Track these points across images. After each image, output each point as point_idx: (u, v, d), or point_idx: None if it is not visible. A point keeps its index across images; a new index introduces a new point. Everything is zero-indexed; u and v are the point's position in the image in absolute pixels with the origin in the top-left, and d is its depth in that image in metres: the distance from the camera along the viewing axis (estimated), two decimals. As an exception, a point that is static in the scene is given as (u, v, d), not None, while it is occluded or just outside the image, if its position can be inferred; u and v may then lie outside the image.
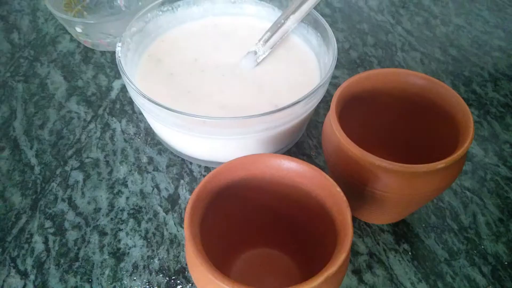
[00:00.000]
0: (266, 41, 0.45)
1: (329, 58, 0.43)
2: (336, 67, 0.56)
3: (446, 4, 0.66)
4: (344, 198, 0.28)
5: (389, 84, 0.36)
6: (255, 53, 0.45)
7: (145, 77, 0.45)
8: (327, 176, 0.29)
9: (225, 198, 0.31)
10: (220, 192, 0.30)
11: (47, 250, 0.39)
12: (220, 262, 0.33)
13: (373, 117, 0.39)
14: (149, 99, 0.37)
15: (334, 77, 0.54)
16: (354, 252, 0.39)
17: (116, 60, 0.40)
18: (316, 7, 0.64)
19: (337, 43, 0.58)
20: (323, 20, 0.45)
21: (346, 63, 0.56)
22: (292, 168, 0.31)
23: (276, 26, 0.45)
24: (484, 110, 0.51)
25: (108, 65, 0.55)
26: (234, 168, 0.31)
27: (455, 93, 0.33)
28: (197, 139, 0.40)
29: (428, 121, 0.36)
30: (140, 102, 0.40)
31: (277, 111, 0.37)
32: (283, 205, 0.33)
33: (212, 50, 0.47)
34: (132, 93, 0.39)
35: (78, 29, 0.51)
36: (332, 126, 0.33)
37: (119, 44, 0.42)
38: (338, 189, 0.29)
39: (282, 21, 0.45)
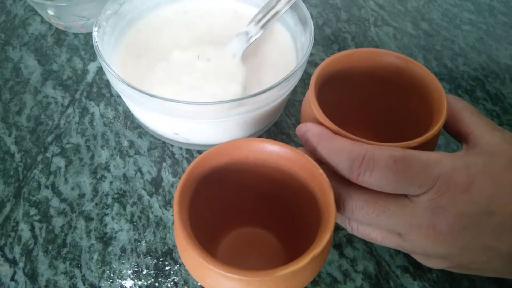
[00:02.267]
0: (258, 21, 0.45)
1: (306, 38, 0.43)
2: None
3: (417, -23, 0.67)
4: (327, 179, 0.29)
5: (366, 63, 0.37)
6: (247, 34, 0.45)
7: (124, 63, 0.45)
8: (309, 158, 0.30)
9: (211, 182, 0.32)
10: (206, 177, 0.31)
11: (34, 237, 0.39)
12: (207, 241, 0.34)
13: (350, 96, 0.40)
14: (129, 85, 0.37)
15: (310, 54, 0.55)
16: (334, 227, 0.40)
17: (94, 45, 0.40)
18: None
19: (311, 19, 0.59)
20: (302, 4, 0.46)
21: (320, 40, 0.57)
22: (275, 151, 0.32)
23: (267, 7, 0.45)
24: (455, 84, 0.53)
25: (83, 47, 0.54)
26: (219, 154, 0.32)
27: (429, 72, 0.35)
28: (178, 123, 0.41)
29: (404, 100, 0.38)
30: (119, 88, 0.40)
31: (256, 95, 0.38)
32: (268, 186, 0.35)
33: (190, 34, 0.47)
34: (112, 79, 0.39)
35: (51, 12, 0.50)
36: (310, 105, 0.34)
37: (95, 28, 0.41)
38: (321, 170, 0.30)
39: (274, 3, 0.45)
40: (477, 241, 0.28)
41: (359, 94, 0.40)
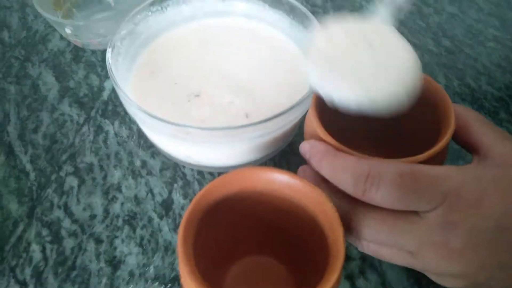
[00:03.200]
0: None
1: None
2: (329, 61, 0.55)
3: (440, -9, 0.65)
4: (337, 215, 0.28)
5: None
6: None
7: (138, 82, 0.45)
8: (320, 191, 0.29)
9: (218, 212, 0.31)
10: (213, 207, 0.31)
11: (45, 259, 0.40)
12: (214, 270, 0.34)
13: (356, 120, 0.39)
14: (140, 109, 0.37)
15: (326, 72, 0.54)
16: (346, 257, 0.39)
17: (107, 67, 0.40)
18: (308, -2, 0.64)
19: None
20: (313, 18, 0.45)
21: (339, 57, 0.56)
22: (284, 182, 0.31)
23: None
24: (478, 105, 0.51)
25: (99, 64, 0.55)
26: (226, 184, 0.31)
27: (435, 82, 0.33)
28: (189, 147, 0.40)
29: (410, 113, 0.36)
30: (131, 111, 0.40)
31: (269, 120, 0.37)
32: (276, 216, 0.34)
33: (202, 55, 0.47)
34: (124, 102, 0.39)
35: (68, 30, 0.51)
36: (312, 123, 0.33)
37: (109, 49, 0.41)
38: (331, 205, 0.29)
39: None
40: (492, 258, 0.27)
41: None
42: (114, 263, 0.39)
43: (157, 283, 0.38)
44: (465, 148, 0.32)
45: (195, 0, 0.49)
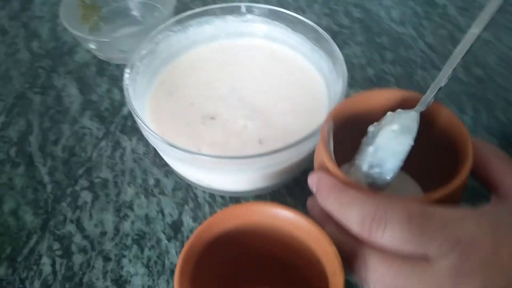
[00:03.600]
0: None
1: (339, 86, 0.42)
2: (350, 85, 0.54)
3: (473, 15, 0.63)
4: (339, 259, 0.28)
5: (383, 103, 0.35)
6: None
7: (155, 101, 0.45)
8: (323, 232, 0.29)
9: (219, 245, 0.31)
10: (214, 240, 0.31)
11: (54, 273, 0.40)
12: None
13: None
14: (153, 133, 0.37)
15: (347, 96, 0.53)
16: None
17: (124, 87, 0.41)
18: (334, 17, 0.63)
19: (354, 58, 0.58)
20: (334, 45, 0.44)
21: (361, 81, 0.55)
22: (288, 219, 0.31)
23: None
24: (506, 140, 0.49)
25: (123, 78, 0.55)
26: (228, 217, 0.31)
27: (454, 115, 0.32)
28: (199, 172, 0.40)
29: (427, 145, 0.35)
30: (144, 133, 0.40)
31: (282, 150, 0.37)
32: (279, 250, 0.34)
33: (220, 76, 0.47)
34: (138, 123, 0.40)
35: (92, 46, 0.52)
36: (321, 153, 0.32)
37: (127, 70, 0.42)
38: (334, 248, 0.28)
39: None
40: None
41: None
42: (120, 283, 0.40)
43: (160, 307, 0.38)
44: (483, 185, 0.31)
45: (217, 20, 0.49)
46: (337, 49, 0.43)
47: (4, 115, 0.52)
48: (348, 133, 0.34)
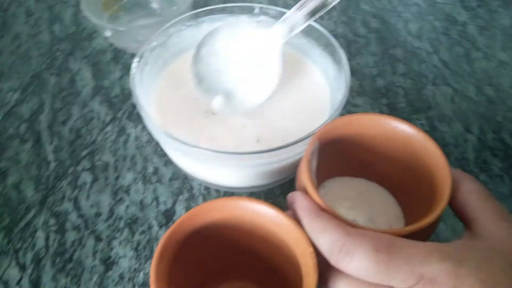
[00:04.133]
0: (300, 7, 0.40)
1: (341, 93, 0.42)
2: (359, 94, 0.54)
3: (493, 35, 0.62)
4: (315, 260, 0.28)
5: (371, 130, 0.35)
6: (287, 21, 0.41)
7: (162, 93, 0.46)
8: (304, 233, 0.29)
9: (200, 237, 0.32)
10: (195, 232, 0.31)
11: (47, 247, 0.42)
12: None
13: (353, 160, 0.38)
14: (146, 116, 0.38)
15: (354, 105, 0.53)
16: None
17: (130, 76, 0.42)
18: (351, 26, 0.63)
19: (365, 68, 0.58)
20: (341, 52, 0.44)
21: (370, 91, 0.55)
22: (272, 217, 0.31)
23: None
24: (509, 163, 0.48)
25: (136, 67, 0.57)
26: (211, 210, 0.31)
27: (437, 149, 0.32)
28: (195, 165, 0.41)
29: (410, 172, 0.35)
30: (145, 122, 0.41)
31: (276, 149, 0.37)
32: (260, 246, 0.34)
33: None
34: (139, 110, 0.41)
35: (107, 34, 0.53)
36: (303, 175, 0.32)
37: (136, 59, 0.43)
38: (311, 249, 0.28)
39: None
40: None
41: (364, 160, 0.38)
42: (108, 263, 0.41)
43: (142, 290, 0.39)
44: (460, 220, 0.31)
45: (230, 19, 0.50)
46: (344, 55, 0.44)
47: (19, 93, 0.54)
48: (332, 152, 0.35)
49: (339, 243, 0.27)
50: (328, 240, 0.27)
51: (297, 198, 0.31)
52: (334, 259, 0.27)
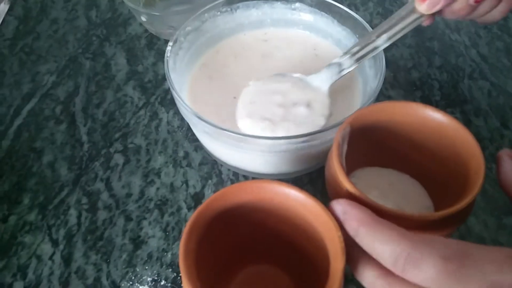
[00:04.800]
0: (354, 54, 0.42)
1: (375, 83, 0.41)
2: (393, 86, 0.54)
3: (535, 29, 0.60)
4: (343, 244, 0.28)
5: (405, 118, 0.34)
6: (339, 65, 0.42)
7: (195, 81, 0.47)
8: (332, 218, 0.29)
9: (229, 217, 0.32)
10: (224, 212, 0.31)
11: (79, 224, 0.43)
12: (218, 279, 0.35)
13: (384, 149, 0.37)
14: (183, 104, 0.39)
15: (387, 97, 0.53)
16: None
17: (164, 60, 0.42)
18: (387, 17, 0.62)
19: (400, 60, 0.57)
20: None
21: (404, 84, 0.54)
22: (299, 200, 0.31)
23: (366, 41, 0.42)
24: (545, 159, 0.47)
25: (169, 53, 0.58)
26: (240, 191, 0.32)
27: (472, 138, 0.31)
28: (224, 149, 0.41)
29: (442, 162, 0.34)
30: (178, 105, 0.41)
31: (306, 135, 0.37)
32: (287, 229, 0.34)
33: (262, 69, 0.48)
34: (173, 94, 0.41)
35: (143, 18, 0.54)
36: (337, 173, 0.32)
37: (170, 43, 0.43)
38: (339, 233, 0.28)
39: (374, 38, 0.41)
40: None
41: (395, 148, 0.37)
42: (137, 242, 0.42)
43: (170, 270, 0.40)
44: None
45: (265, 5, 0.50)
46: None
47: (55, 75, 0.56)
48: (363, 140, 0.35)
49: (404, 253, 0.25)
50: (393, 251, 0.26)
51: (346, 207, 0.29)
52: (399, 271, 0.26)
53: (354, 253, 0.28)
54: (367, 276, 0.28)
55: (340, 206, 0.29)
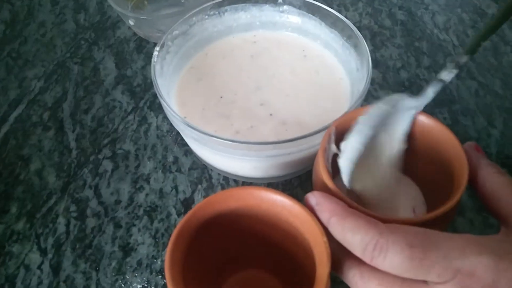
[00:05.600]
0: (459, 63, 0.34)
1: (362, 85, 0.41)
2: (382, 87, 0.54)
3: (523, 28, 0.61)
4: (328, 250, 0.28)
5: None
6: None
7: (184, 85, 0.47)
8: (318, 223, 0.29)
9: (215, 225, 0.32)
10: (211, 219, 0.31)
11: (67, 233, 0.43)
12: (207, 284, 0.34)
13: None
14: (171, 111, 0.39)
15: (376, 98, 0.53)
16: None
17: (151, 65, 0.42)
18: (377, 17, 0.62)
19: (389, 60, 0.57)
20: (363, 43, 0.43)
21: (393, 84, 0.54)
22: (286, 206, 0.31)
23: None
24: (533, 158, 0.47)
25: (158, 56, 0.57)
26: (227, 198, 0.32)
27: (454, 139, 0.32)
28: (214, 155, 0.41)
29: (429, 164, 0.35)
30: (166, 110, 0.41)
31: (294, 140, 0.37)
32: (275, 235, 0.34)
33: (250, 70, 0.48)
34: (161, 100, 0.41)
35: (131, 22, 0.53)
36: (320, 168, 0.32)
37: (157, 48, 0.43)
38: (325, 239, 0.28)
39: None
40: None
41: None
42: (127, 250, 0.41)
43: (160, 277, 0.40)
44: (494, 217, 0.30)
45: (254, 8, 0.50)
46: (366, 47, 0.43)
47: (43, 81, 0.55)
48: None
49: (372, 241, 0.26)
50: (361, 239, 0.27)
51: (320, 199, 0.30)
52: (368, 258, 0.27)
53: (330, 246, 0.29)
54: (341, 267, 0.29)
55: (314, 198, 0.30)
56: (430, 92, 0.34)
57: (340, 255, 0.29)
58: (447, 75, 0.34)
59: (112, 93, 0.53)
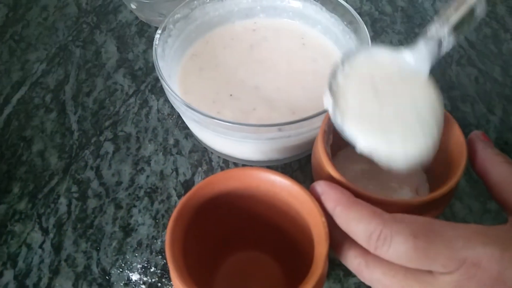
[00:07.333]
0: (448, 18, 0.32)
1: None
2: (382, 73, 0.54)
3: (524, 16, 0.61)
4: (326, 230, 0.28)
5: None
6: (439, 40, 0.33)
7: (186, 72, 0.47)
8: (317, 204, 0.29)
9: (215, 205, 0.32)
10: (211, 199, 0.32)
11: (69, 213, 0.43)
12: (205, 266, 0.35)
13: None
14: (172, 93, 0.39)
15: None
16: (347, 272, 0.39)
17: (153, 48, 0.42)
18: (377, 4, 0.62)
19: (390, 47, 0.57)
20: (364, 28, 0.44)
21: (393, 71, 0.54)
22: (285, 187, 0.32)
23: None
24: (531, 145, 0.47)
25: (159, 41, 0.57)
26: (226, 179, 0.32)
27: (455, 123, 0.32)
28: (215, 137, 0.42)
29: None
30: (167, 92, 0.41)
31: (294, 122, 0.37)
32: (274, 216, 0.34)
33: (249, 60, 0.48)
34: (162, 82, 0.41)
35: (133, 5, 0.54)
36: (321, 156, 0.32)
37: (159, 31, 0.43)
38: (323, 219, 0.29)
39: None
40: None
41: None
42: (127, 230, 0.42)
43: (160, 257, 0.40)
44: (501, 207, 0.30)
45: (254, -6, 0.50)
46: (367, 32, 0.43)
47: (45, 63, 0.55)
48: None
49: (376, 231, 0.26)
50: (365, 229, 0.27)
51: (325, 189, 0.30)
52: (372, 247, 0.27)
53: (336, 235, 0.29)
54: (347, 256, 0.29)
55: (319, 187, 0.30)
56: (422, 47, 0.35)
57: (346, 244, 0.29)
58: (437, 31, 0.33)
59: (114, 76, 0.54)
